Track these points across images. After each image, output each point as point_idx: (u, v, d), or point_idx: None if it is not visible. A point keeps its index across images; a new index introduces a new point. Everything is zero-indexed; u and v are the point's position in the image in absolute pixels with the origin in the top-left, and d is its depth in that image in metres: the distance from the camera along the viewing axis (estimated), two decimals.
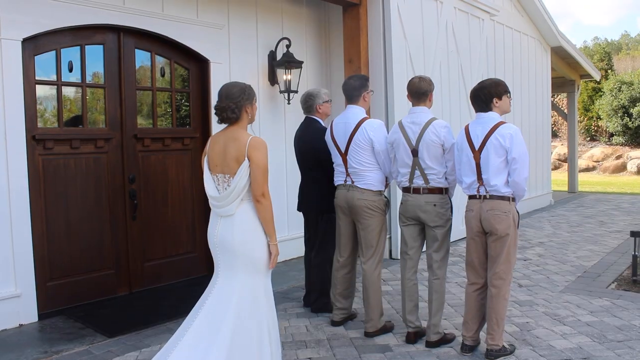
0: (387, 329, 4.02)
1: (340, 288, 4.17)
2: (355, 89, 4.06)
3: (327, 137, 4.16)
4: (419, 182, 3.80)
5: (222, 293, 2.95)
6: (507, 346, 3.57)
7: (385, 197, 4.08)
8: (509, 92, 3.64)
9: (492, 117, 3.53)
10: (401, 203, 3.95)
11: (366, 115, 4.06)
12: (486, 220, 3.49)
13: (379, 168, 3.98)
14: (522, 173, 3.41)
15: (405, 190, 3.89)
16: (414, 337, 3.84)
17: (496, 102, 3.56)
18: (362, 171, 3.95)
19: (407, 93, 3.91)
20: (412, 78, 3.92)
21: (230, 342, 2.83)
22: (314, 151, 4.38)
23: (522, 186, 3.44)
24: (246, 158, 2.90)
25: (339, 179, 4.11)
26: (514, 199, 3.50)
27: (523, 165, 3.41)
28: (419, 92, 3.81)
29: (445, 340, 3.80)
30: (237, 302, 2.90)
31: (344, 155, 4.00)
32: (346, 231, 4.13)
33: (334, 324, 4.19)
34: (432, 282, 3.80)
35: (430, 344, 3.76)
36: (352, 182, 3.99)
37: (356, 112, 4.04)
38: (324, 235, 4.46)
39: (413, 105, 3.87)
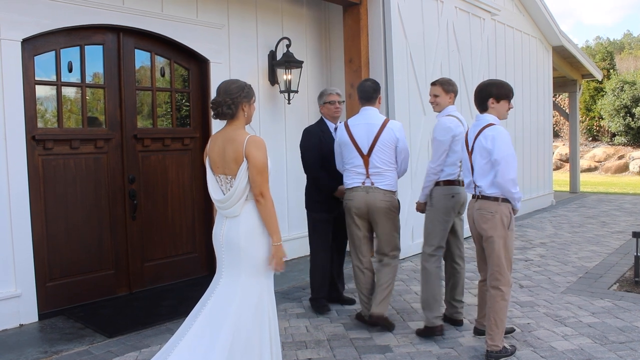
0: (387, 323, 4.02)
1: (368, 285, 4.17)
2: (374, 90, 4.13)
3: (345, 138, 4.07)
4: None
5: (225, 293, 2.93)
6: (507, 347, 3.56)
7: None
8: (510, 99, 3.60)
9: (487, 119, 3.53)
10: (452, 196, 3.93)
11: (386, 117, 4.09)
12: (475, 219, 3.57)
13: (396, 168, 4.07)
14: (505, 174, 3.38)
15: (457, 183, 3.96)
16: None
17: (492, 103, 3.54)
18: (385, 171, 3.99)
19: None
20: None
21: (232, 342, 2.81)
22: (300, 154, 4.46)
23: (506, 187, 3.40)
24: (245, 159, 2.86)
25: (355, 180, 4.04)
26: (503, 200, 3.47)
27: (507, 166, 3.38)
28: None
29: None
30: (239, 302, 2.88)
31: (365, 157, 3.98)
32: (363, 233, 4.12)
33: (358, 316, 4.25)
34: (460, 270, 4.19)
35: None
36: (372, 183, 3.99)
37: (375, 113, 4.10)
38: (309, 236, 4.48)
39: (451, 104, 4.05)
